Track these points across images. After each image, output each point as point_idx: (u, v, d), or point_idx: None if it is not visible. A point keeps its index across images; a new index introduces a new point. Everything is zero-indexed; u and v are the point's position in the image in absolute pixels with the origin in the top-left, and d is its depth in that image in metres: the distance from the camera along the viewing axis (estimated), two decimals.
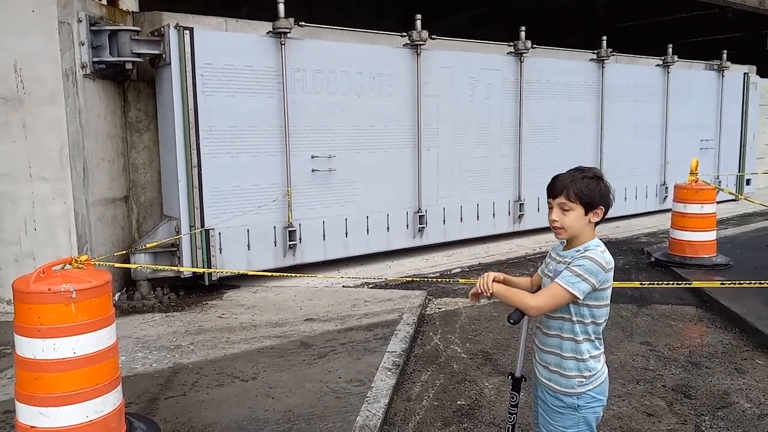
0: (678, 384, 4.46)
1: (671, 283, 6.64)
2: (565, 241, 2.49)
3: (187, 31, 6.38)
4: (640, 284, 6.42)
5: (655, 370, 4.71)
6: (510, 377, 2.66)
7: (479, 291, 2.44)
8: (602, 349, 2.48)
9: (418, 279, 7.12)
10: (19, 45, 5.78)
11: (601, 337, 2.47)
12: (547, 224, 2.52)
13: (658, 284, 6.53)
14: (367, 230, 7.98)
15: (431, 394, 4.34)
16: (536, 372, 2.57)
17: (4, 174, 5.93)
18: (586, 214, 2.37)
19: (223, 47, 6.68)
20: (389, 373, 4.47)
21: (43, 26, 5.77)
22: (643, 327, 5.67)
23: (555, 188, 2.39)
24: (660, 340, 5.35)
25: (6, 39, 5.76)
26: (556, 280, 2.34)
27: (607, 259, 2.36)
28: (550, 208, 2.43)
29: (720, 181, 12.34)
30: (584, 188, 2.35)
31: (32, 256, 5.98)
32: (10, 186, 5.94)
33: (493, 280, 2.43)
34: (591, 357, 2.41)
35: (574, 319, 2.39)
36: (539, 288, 2.55)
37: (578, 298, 2.31)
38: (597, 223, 2.43)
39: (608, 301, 2.42)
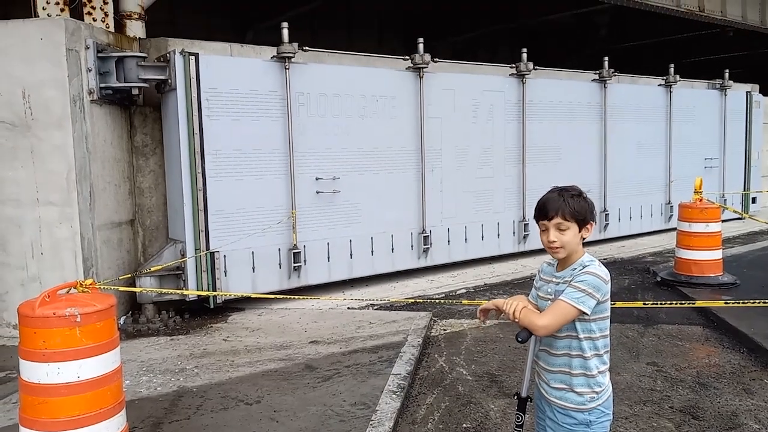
0: (686, 405, 4.42)
1: (677, 302, 6.60)
2: (555, 262, 2.54)
3: (193, 57, 6.47)
4: (644, 304, 6.39)
5: (663, 391, 4.67)
6: (516, 397, 2.65)
7: (506, 316, 2.43)
8: (608, 364, 2.53)
9: (423, 300, 7.10)
10: (27, 72, 5.87)
11: (609, 350, 2.51)
12: None
13: (662, 304, 6.49)
14: (372, 251, 7.99)
15: (436, 417, 4.31)
16: (543, 392, 2.56)
17: (11, 199, 5.99)
18: (580, 231, 2.46)
19: (228, 72, 6.77)
20: (394, 395, 4.45)
21: (51, 53, 5.87)
22: (649, 347, 5.63)
23: (548, 210, 2.46)
24: (667, 360, 5.31)
25: (14, 66, 5.86)
26: (560, 297, 2.37)
27: (605, 271, 2.44)
28: (544, 230, 2.49)
29: (725, 200, 12.32)
30: (577, 206, 2.45)
31: (38, 280, 6.01)
32: (17, 210, 6.00)
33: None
34: (599, 372, 2.46)
35: (581, 336, 2.43)
36: None
37: (586, 314, 2.35)
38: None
39: (609, 312, 2.49)
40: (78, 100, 6.05)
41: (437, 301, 7.18)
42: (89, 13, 6.80)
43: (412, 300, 7.13)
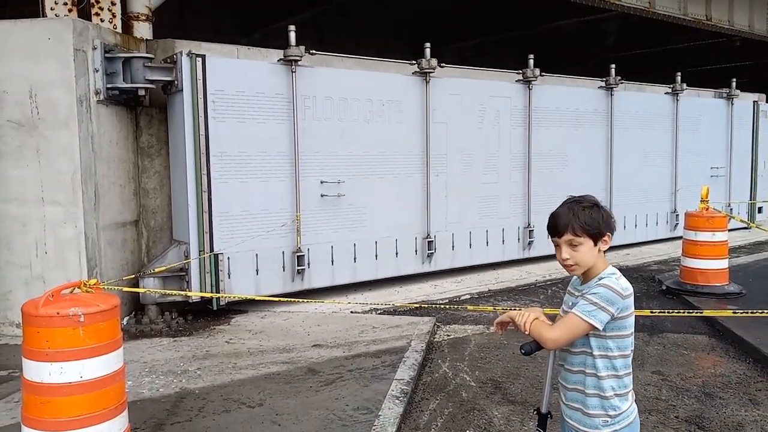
0: (691, 415, 4.38)
1: (682, 311, 6.55)
2: (581, 275, 2.41)
3: (199, 59, 6.48)
4: (651, 312, 6.34)
5: (668, 401, 4.63)
6: (535, 413, 2.56)
7: (516, 327, 2.34)
8: (630, 387, 2.37)
9: (427, 305, 7.08)
10: (34, 71, 5.89)
11: (630, 372, 2.36)
12: None
13: (669, 313, 6.45)
14: (376, 255, 7.97)
15: (439, 423, 4.28)
16: (563, 413, 2.47)
17: (17, 197, 6.00)
18: (595, 244, 2.31)
19: (235, 74, 6.77)
20: (397, 401, 4.42)
21: (59, 53, 5.88)
22: (654, 356, 5.59)
23: (558, 226, 2.32)
24: (672, 369, 5.27)
25: (22, 65, 5.88)
26: (572, 310, 2.28)
27: (623, 285, 2.29)
28: (557, 246, 2.35)
29: (731, 209, 12.26)
30: (588, 219, 2.29)
31: (42, 279, 6.01)
32: (21, 209, 6.00)
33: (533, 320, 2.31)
34: (616, 395, 2.31)
35: (596, 353, 2.30)
36: None
37: (597, 328, 2.23)
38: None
39: (632, 330, 2.33)
40: (84, 100, 6.06)
41: (441, 306, 7.14)
42: (97, 14, 6.82)
43: (416, 305, 7.10)
